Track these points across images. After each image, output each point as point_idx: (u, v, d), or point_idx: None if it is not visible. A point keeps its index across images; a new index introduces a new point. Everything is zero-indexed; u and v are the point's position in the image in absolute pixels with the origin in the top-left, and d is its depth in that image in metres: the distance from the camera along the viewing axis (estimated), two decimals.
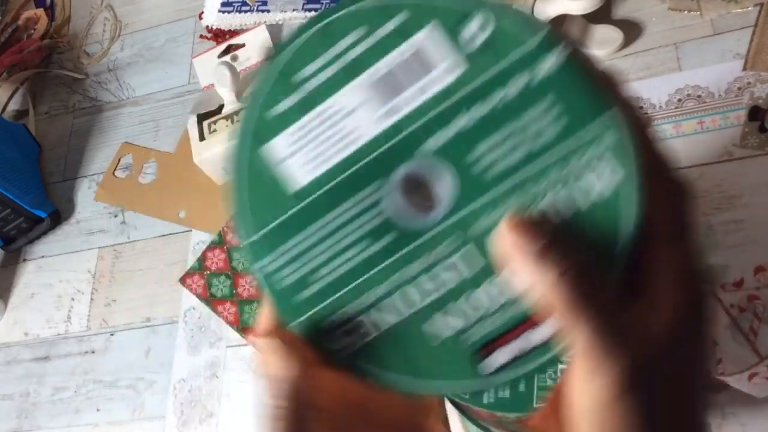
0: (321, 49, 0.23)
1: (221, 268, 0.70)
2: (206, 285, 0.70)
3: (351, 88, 0.23)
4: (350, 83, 0.23)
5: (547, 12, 0.61)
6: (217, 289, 0.70)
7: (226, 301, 0.69)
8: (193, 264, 0.72)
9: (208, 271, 0.71)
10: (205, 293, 0.70)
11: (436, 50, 0.22)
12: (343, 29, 0.23)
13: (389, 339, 0.22)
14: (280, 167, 0.23)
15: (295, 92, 0.23)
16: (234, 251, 0.70)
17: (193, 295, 0.70)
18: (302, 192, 0.23)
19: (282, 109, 0.23)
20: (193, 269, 0.71)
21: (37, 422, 0.71)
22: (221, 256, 0.71)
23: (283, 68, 0.23)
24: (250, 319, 0.67)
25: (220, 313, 0.68)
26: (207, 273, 0.71)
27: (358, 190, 0.22)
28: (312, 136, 0.23)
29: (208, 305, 0.69)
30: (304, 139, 0.23)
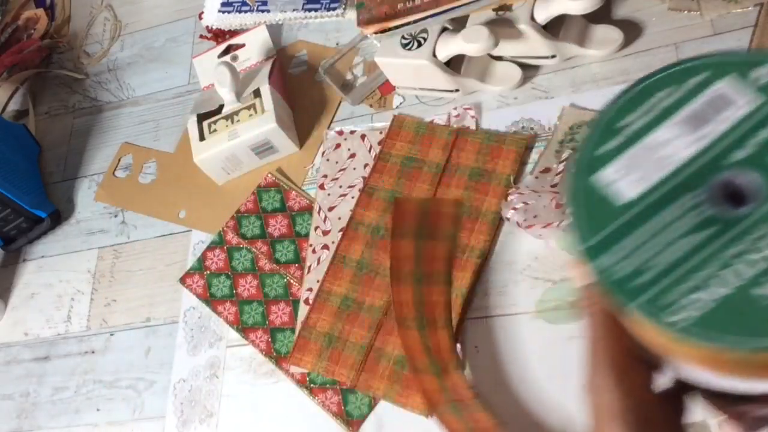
0: (638, 104, 0.31)
1: (221, 268, 0.70)
2: (206, 285, 0.70)
3: (664, 127, 0.30)
4: (663, 124, 0.30)
5: (548, 12, 0.61)
6: (217, 289, 0.69)
7: (226, 300, 0.68)
8: (193, 264, 0.71)
9: (208, 271, 0.70)
10: (205, 293, 0.70)
11: (734, 91, 0.30)
12: (656, 88, 0.31)
13: (722, 307, 0.27)
14: (610, 188, 0.30)
15: (618, 136, 0.31)
16: (234, 251, 0.70)
17: (193, 294, 0.70)
18: (630, 204, 0.30)
19: (608, 148, 0.31)
20: (193, 269, 0.71)
21: (37, 422, 0.72)
22: (221, 256, 0.70)
23: (607, 121, 0.31)
24: (250, 319, 0.67)
25: (220, 313, 0.68)
26: (207, 273, 0.70)
27: (680, 197, 0.29)
28: (635, 164, 0.30)
29: (208, 305, 0.69)
30: (628, 167, 0.30)
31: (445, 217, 0.56)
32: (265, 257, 0.68)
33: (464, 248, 0.61)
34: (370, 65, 0.75)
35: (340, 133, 0.72)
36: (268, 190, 0.71)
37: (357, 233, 0.65)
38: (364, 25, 0.66)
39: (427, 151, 0.67)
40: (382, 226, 0.64)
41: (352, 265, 0.64)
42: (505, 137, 0.65)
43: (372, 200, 0.66)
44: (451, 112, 0.68)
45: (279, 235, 0.69)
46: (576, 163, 0.31)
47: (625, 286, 0.29)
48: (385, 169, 0.67)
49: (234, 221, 0.71)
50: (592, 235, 0.30)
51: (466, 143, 0.66)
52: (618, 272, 0.29)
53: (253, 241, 0.70)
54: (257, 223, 0.70)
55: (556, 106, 0.65)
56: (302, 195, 0.70)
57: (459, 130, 0.67)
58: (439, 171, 0.65)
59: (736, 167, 0.29)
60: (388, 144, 0.68)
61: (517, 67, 0.67)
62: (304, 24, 0.82)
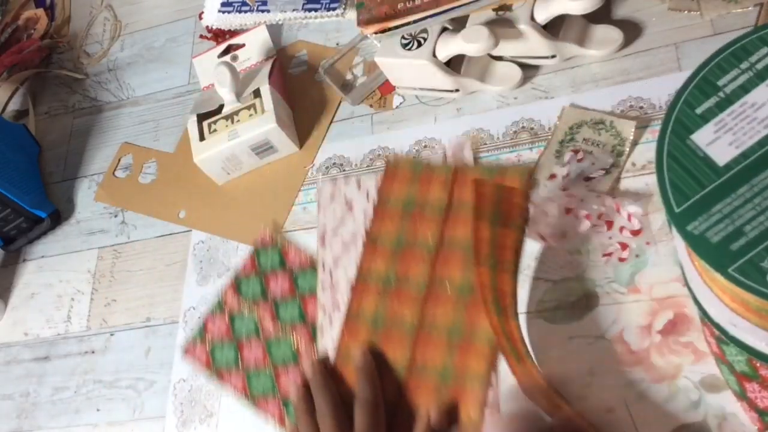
0: (735, 62, 0.30)
1: (224, 336, 0.67)
2: (209, 355, 0.66)
3: (761, 87, 0.29)
4: (761, 84, 0.30)
5: (548, 12, 0.61)
6: (221, 359, 0.66)
7: (231, 370, 0.65)
8: (194, 333, 0.68)
9: (211, 340, 0.67)
10: (209, 364, 0.66)
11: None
12: (753, 47, 0.30)
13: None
14: (705, 150, 0.29)
15: (715, 94, 0.30)
16: (235, 317, 0.66)
17: (197, 367, 0.67)
18: (725, 168, 0.29)
19: (705, 107, 0.30)
20: (194, 338, 0.68)
21: (37, 422, 0.72)
22: (222, 323, 0.67)
23: (702, 77, 0.30)
24: (258, 387, 0.63)
25: (226, 383, 0.65)
26: (209, 341, 0.67)
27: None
28: (731, 125, 0.29)
29: (214, 376, 0.65)
30: (725, 128, 0.29)
31: (515, 207, 0.55)
32: (269, 320, 0.65)
33: None
34: (370, 65, 0.75)
35: (333, 182, 0.69)
36: (265, 249, 0.68)
37: (367, 286, 0.61)
38: (364, 25, 0.66)
39: (427, 191, 0.63)
40: (393, 276, 0.61)
41: (368, 320, 0.60)
42: (507, 169, 0.62)
43: (377, 249, 0.62)
44: (445, 147, 0.67)
45: (281, 295, 0.65)
46: (667, 123, 0.30)
47: (721, 251, 0.28)
48: (386, 214, 0.64)
49: (233, 286, 0.68)
50: (685, 199, 0.29)
51: (466, 180, 0.62)
52: (712, 238, 0.28)
53: (254, 303, 0.66)
54: (257, 284, 0.67)
55: (556, 106, 0.65)
56: (301, 250, 0.67)
57: (457, 166, 0.64)
58: (443, 210, 0.62)
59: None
60: (386, 188, 0.65)
61: (517, 67, 0.67)
62: (304, 24, 0.82)
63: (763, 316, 0.31)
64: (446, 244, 0.61)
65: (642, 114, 0.61)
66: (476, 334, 0.56)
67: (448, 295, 0.59)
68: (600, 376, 0.53)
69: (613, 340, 0.54)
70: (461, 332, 0.57)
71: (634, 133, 0.60)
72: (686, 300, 0.53)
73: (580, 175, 0.59)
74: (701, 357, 0.51)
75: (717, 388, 0.50)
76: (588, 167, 0.58)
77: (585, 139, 0.62)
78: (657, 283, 0.55)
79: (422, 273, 0.60)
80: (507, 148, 0.65)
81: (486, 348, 0.56)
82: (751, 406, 0.47)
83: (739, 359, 0.43)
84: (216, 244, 0.72)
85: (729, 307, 0.33)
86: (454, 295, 0.58)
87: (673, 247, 0.55)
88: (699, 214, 0.29)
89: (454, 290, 0.59)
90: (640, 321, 0.54)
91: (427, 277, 0.60)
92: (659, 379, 0.52)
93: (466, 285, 0.58)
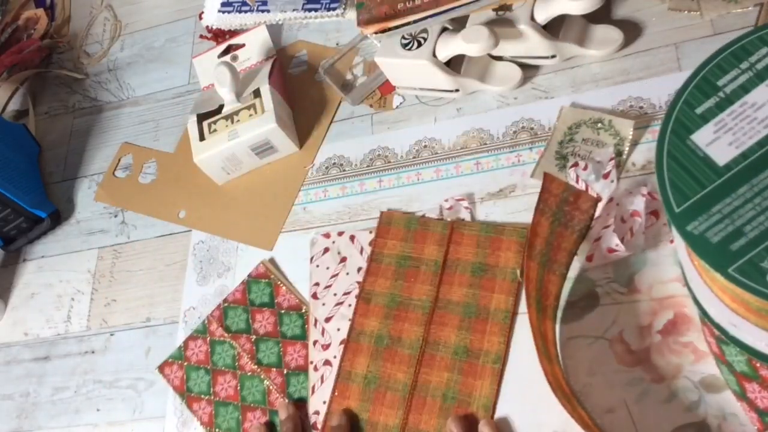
0: (735, 62, 0.30)
1: (201, 361, 0.66)
2: (184, 377, 0.66)
3: (761, 87, 0.29)
4: (761, 84, 0.29)
5: (548, 12, 0.61)
6: (194, 384, 0.65)
7: (202, 398, 0.64)
8: (174, 352, 0.68)
9: (188, 363, 0.67)
10: (182, 386, 0.66)
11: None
12: (753, 47, 0.30)
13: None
14: (705, 150, 0.29)
15: (716, 94, 0.30)
16: (216, 344, 0.66)
17: (170, 386, 0.67)
18: (725, 168, 0.29)
19: (705, 107, 0.30)
20: (173, 358, 0.68)
21: (37, 422, 0.72)
22: (203, 347, 0.67)
23: (702, 77, 0.30)
24: (224, 423, 0.63)
25: (195, 411, 0.64)
26: (186, 364, 0.67)
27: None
28: (731, 125, 0.29)
29: (183, 400, 0.65)
30: (725, 128, 0.29)
31: (580, 212, 0.54)
32: (248, 356, 0.64)
33: (477, 353, 0.57)
34: (370, 65, 0.75)
35: (326, 236, 0.67)
36: (258, 281, 0.67)
37: (360, 345, 0.61)
38: (364, 25, 0.66)
39: (422, 249, 0.62)
40: (386, 335, 0.60)
41: (359, 380, 0.59)
42: (504, 227, 0.61)
43: (370, 307, 0.62)
44: (442, 204, 0.65)
45: (264, 333, 0.65)
46: (667, 123, 0.30)
47: (721, 251, 0.28)
48: (380, 271, 0.63)
49: (220, 311, 0.68)
50: (685, 199, 0.29)
51: (462, 237, 0.62)
52: (712, 238, 0.28)
53: (237, 335, 0.66)
54: (243, 316, 0.66)
55: (556, 106, 0.64)
56: (292, 292, 0.66)
57: (454, 223, 0.63)
58: (438, 269, 0.61)
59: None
60: (380, 243, 0.64)
61: (517, 67, 0.67)
62: (304, 24, 0.82)
63: (763, 316, 0.31)
64: (441, 305, 0.60)
65: (642, 114, 0.61)
66: (472, 399, 0.56)
67: (443, 357, 0.58)
68: (600, 376, 0.53)
69: (613, 340, 0.54)
70: (456, 396, 0.56)
71: (633, 132, 0.60)
72: (686, 300, 0.53)
73: (598, 177, 0.58)
74: (701, 357, 0.51)
75: (717, 388, 0.50)
76: (597, 167, 0.58)
77: (584, 140, 0.62)
78: (657, 283, 0.55)
79: (416, 333, 0.59)
80: (507, 148, 0.65)
81: (481, 414, 0.55)
82: (751, 406, 0.47)
83: (739, 359, 0.43)
84: (216, 244, 0.72)
85: (729, 307, 0.33)
86: (449, 357, 0.58)
87: (673, 247, 0.55)
88: (699, 214, 0.29)
89: (449, 352, 0.58)
90: (640, 321, 0.54)
91: (422, 338, 0.59)
92: (659, 379, 0.52)
93: (462, 347, 0.58)
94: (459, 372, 0.57)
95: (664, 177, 0.30)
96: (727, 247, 0.28)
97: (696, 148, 0.30)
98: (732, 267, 0.28)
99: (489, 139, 0.66)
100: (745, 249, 0.28)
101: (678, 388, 0.51)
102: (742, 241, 0.28)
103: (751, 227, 0.28)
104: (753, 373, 0.43)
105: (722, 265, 0.28)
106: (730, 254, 0.28)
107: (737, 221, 0.28)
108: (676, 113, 0.31)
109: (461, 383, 0.56)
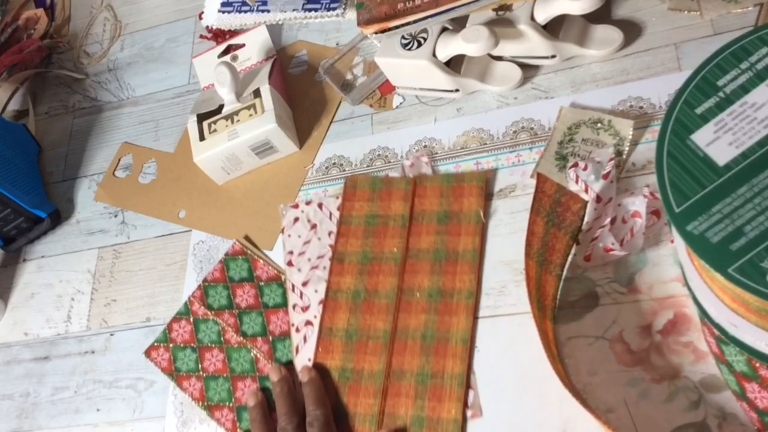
0: (735, 62, 0.30)
1: (187, 341, 0.67)
2: (171, 358, 0.67)
3: (761, 87, 0.29)
4: (761, 84, 0.29)
5: (548, 12, 0.61)
6: (182, 363, 0.67)
7: (191, 375, 0.66)
8: (159, 336, 0.69)
9: (174, 344, 0.68)
10: (170, 367, 0.67)
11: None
12: (753, 47, 0.30)
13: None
14: (705, 150, 0.29)
15: (715, 94, 0.30)
16: (200, 323, 0.67)
17: (158, 368, 0.68)
18: (725, 168, 0.28)
19: (705, 107, 0.30)
20: (159, 341, 0.69)
21: (37, 422, 0.72)
22: (187, 327, 0.68)
23: (702, 77, 0.30)
24: (215, 395, 0.64)
25: (186, 389, 0.65)
26: (172, 346, 0.68)
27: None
28: (731, 125, 0.29)
29: (173, 380, 0.66)
30: (725, 128, 0.29)
31: (571, 213, 0.55)
32: (232, 330, 0.66)
33: (451, 293, 0.59)
34: (370, 65, 0.75)
35: (295, 206, 0.70)
36: (235, 258, 0.69)
37: (337, 302, 0.63)
38: (364, 25, 0.66)
39: (388, 206, 0.65)
40: (362, 290, 0.62)
41: (341, 335, 0.61)
42: (464, 175, 0.64)
43: (344, 266, 0.64)
44: (404, 163, 0.67)
45: (246, 306, 0.66)
46: (673, 122, 0.30)
47: (721, 251, 0.28)
48: (350, 232, 0.65)
49: (201, 291, 0.69)
50: (685, 199, 0.29)
51: (425, 190, 0.65)
52: (712, 237, 0.28)
53: (219, 312, 0.67)
54: (224, 293, 0.68)
55: (556, 106, 0.65)
56: (270, 264, 0.68)
57: (416, 178, 0.66)
58: (406, 222, 0.64)
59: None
60: (347, 207, 0.67)
61: (517, 67, 0.67)
62: (304, 24, 0.82)
63: (763, 316, 0.31)
64: (412, 255, 0.62)
65: (642, 114, 0.61)
66: (450, 336, 0.58)
67: (419, 302, 0.60)
68: (600, 376, 0.53)
69: (613, 340, 0.54)
70: (435, 335, 0.58)
71: (633, 132, 0.60)
72: (686, 300, 0.53)
73: (598, 177, 0.58)
74: (701, 357, 0.51)
75: (717, 388, 0.50)
76: (597, 167, 0.58)
77: (584, 140, 0.62)
78: (657, 283, 0.55)
79: (391, 284, 0.62)
80: (507, 148, 0.65)
81: (460, 348, 0.57)
82: (751, 406, 0.47)
83: (738, 359, 0.43)
84: (216, 244, 0.72)
85: (729, 307, 0.33)
86: (424, 301, 0.60)
87: (673, 247, 0.55)
88: (699, 214, 0.29)
89: (423, 296, 0.60)
90: (640, 321, 0.54)
91: (396, 287, 0.61)
92: (659, 379, 0.52)
93: (435, 289, 0.60)
94: (435, 312, 0.59)
95: (664, 177, 0.30)
96: (727, 247, 0.28)
97: (696, 148, 0.30)
98: (732, 267, 0.28)
99: (489, 139, 0.66)
100: (745, 249, 0.28)
101: (678, 388, 0.51)
102: (742, 241, 0.28)
103: (751, 227, 0.28)
104: (753, 373, 0.43)
105: (722, 265, 0.28)
106: (730, 254, 0.28)
107: (737, 221, 0.28)
108: (676, 113, 0.31)
109: (438, 322, 0.59)
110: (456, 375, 0.57)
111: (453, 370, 0.57)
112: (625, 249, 0.55)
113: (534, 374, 0.55)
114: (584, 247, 0.57)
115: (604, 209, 0.57)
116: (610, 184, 0.57)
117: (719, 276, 0.29)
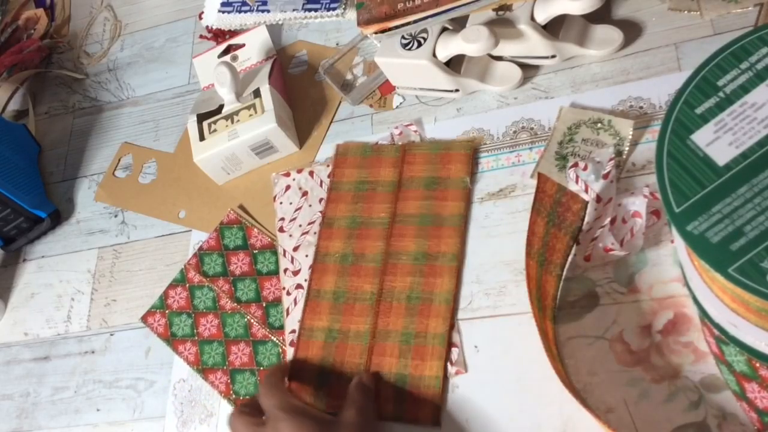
0: (735, 62, 0.30)
1: (183, 307, 0.69)
2: (167, 324, 0.69)
3: (761, 87, 0.29)
4: (761, 84, 0.29)
5: (548, 12, 0.61)
6: (178, 328, 0.69)
7: (186, 340, 0.68)
8: (155, 302, 0.71)
9: (170, 310, 0.70)
10: (166, 332, 0.69)
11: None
12: (753, 47, 0.30)
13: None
14: (705, 150, 0.29)
15: (715, 94, 0.30)
16: (195, 289, 0.69)
17: (155, 333, 0.69)
18: (725, 168, 0.28)
19: (705, 107, 0.30)
20: (155, 307, 0.71)
21: (37, 422, 0.72)
22: (183, 294, 0.70)
23: (702, 77, 0.30)
24: (210, 359, 0.66)
25: (181, 353, 0.67)
26: (168, 312, 0.70)
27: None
28: (731, 125, 0.29)
29: (169, 345, 0.68)
30: (725, 128, 0.29)
31: (572, 213, 0.56)
32: (227, 296, 0.68)
33: (436, 255, 0.61)
34: (370, 65, 0.75)
35: (287, 175, 0.71)
36: (230, 227, 0.71)
37: (326, 265, 0.65)
38: (364, 25, 0.66)
39: (377, 172, 0.67)
40: (350, 253, 0.64)
41: (328, 297, 0.63)
42: (452, 143, 0.66)
43: (333, 230, 0.66)
44: (393, 132, 0.69)
45: (240, 273, 0.68)
46: (673, 122, 0.30)
47: (721, 251, 0.28)
48: (340, 197, 0.67)
49: (196, 259, 0.71)
50: (685, 199, 0.29)
51: (414, 157, 0.67)
52: (712, 238, 0.28)
53: (214, 279, 0.69)
54: (219, 260, 0.70)
55: (555, 106, 0.65)
56: (264, 233, 0.70)
57: (405, 146, 0.68)
58: (394, 188, 0.66)
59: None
60: (338, 173, 0.69)
61: (517, 67, 0.67)
62: (304, 24, 0.82)
63: (763, 316, 0.31)
64: (399, 219, 0.65)
65: (642, 114, 0.61)
66: (434, 296, 0.60)
67: (405, 264, 0.62)
68: (600, 376, 0.53)
69: (613, 340, 0.54)
70: (419, 296, 0.61)
71: (633, 132, 0.60)
72: (686, 300, 0.53)
73: (598, 177, 0.58)
74: (701, 357, 0.51)
75: (717, 388, 0.50)
76: (597, 167, 0.58)
77: (584, 140, 0.62)
78: (657, 283, 0.55)
79: (378, 248, 0.64)
80: (507, 148, 0.65)
81: (443, 308, 0.59)
82: (751, 406, 0.47)
83: (738, 359, 0.43)
84: None
85: (729, 307, 0.33)
86: (409, 264, 0.62)
87: (673, 247, 0.55)
88: (699, 214, 0.29)
89: (409, 259, 0.62)
90: (640, 321, 0.54)
91: (383, 251, 0.64)
92: (659, 379, 0.52)
93: (421, 253, 0.62)
94: (420, 275, 0.61)
95: (664, 177, 0.30)
96: (727, 247, 0.28)
97: (696, 148, 0.30)
98: (732, 267, 0.28)
99: (489, 138, 0.66)
100: (745, 249, 0.28)
101: (678, 388, 0.51)
102: (742, 241, 0.28)
103: (751, 227, 0.28)
104: (753, 373, 0.43)
105: (722, 265, 0.28)
106: (730, 254, 0.28)
107: (737, 221, 0.28)
108: (676, 113, 0.31)
109: (423, 284, 0.61)
110: (438, 334, 0.58)
111: (436, 329, 0.59)
112: (625, 249, 0.55)
113: (534, 374, 0.55)
114: (584, 247, 0.57)
115: (604, 209, 0.57)
116: (610, 184, 0.57)
117: (719, 276, 0.28)
